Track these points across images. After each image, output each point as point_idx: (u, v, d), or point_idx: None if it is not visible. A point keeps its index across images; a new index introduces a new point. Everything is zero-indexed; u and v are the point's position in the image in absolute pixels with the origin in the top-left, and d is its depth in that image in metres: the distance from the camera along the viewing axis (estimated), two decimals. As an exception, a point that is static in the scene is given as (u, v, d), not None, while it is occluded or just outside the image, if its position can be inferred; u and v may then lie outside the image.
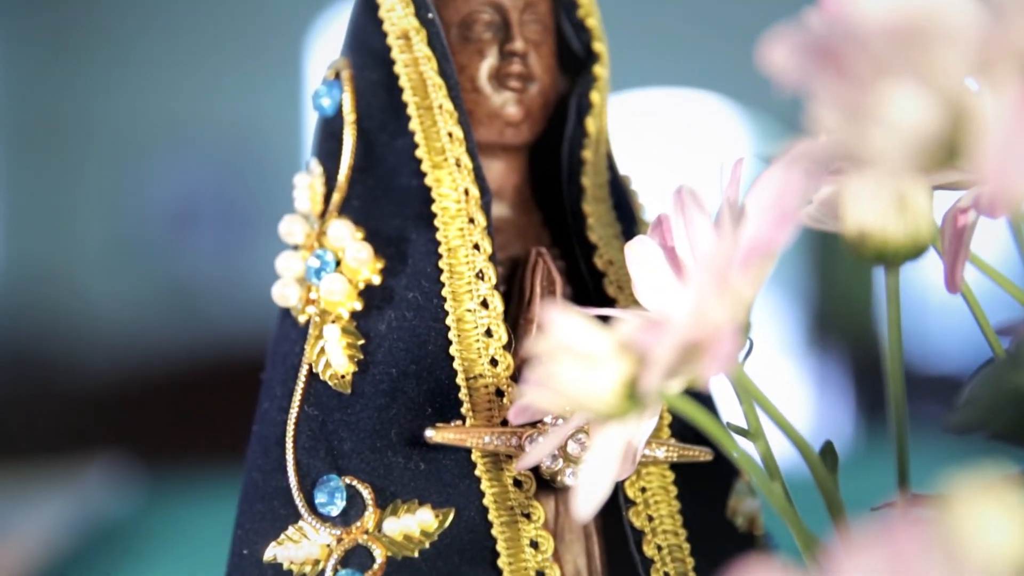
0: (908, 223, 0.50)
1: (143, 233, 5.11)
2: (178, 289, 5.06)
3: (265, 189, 5.07)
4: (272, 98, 5.09)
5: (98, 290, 5.03)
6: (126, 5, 5.19)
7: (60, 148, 5.16)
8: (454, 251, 0.63)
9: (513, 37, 0.66)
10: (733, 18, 4.74)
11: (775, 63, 0.45)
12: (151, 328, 4.77)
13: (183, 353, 4.00)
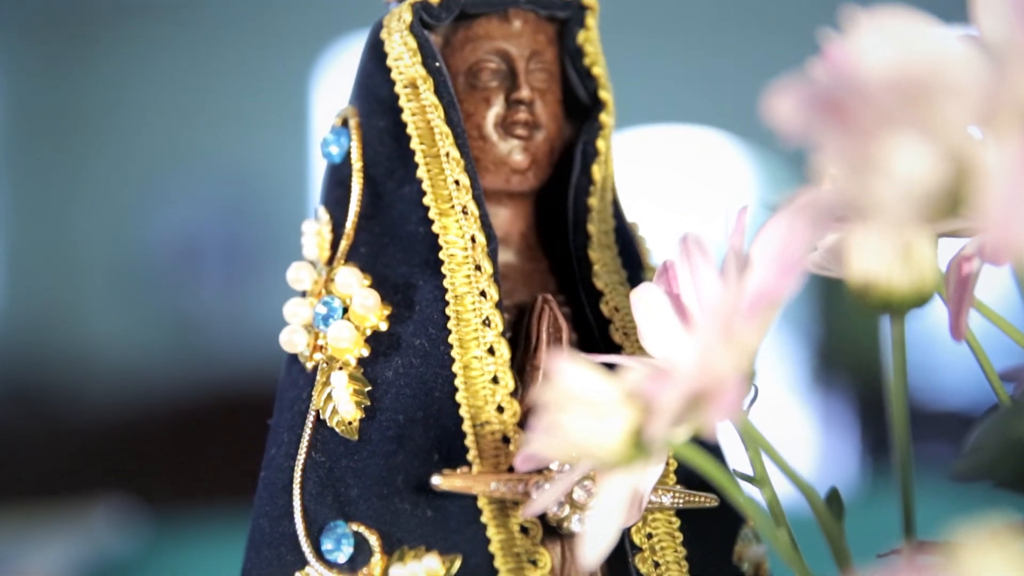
0: (913, 272, 0.50)
1: (147, 269, 5.12)
2: (182, 325, 5.07)
3: (269, 225, 5.08)
4: (277, 133, 5.10)
5: (101, 326, 5.03)
6: (131, 41, 5.21)
7: (64, 183, 5.18)
8: (461, 298, 0.64)
9: (519, 85, 0.67)
10: (737, 55, 4.76)
11: (780, 114, 0.46)
12: (155, 364, 4.77)
13: (187, 389, 4.00)
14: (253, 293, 5.04)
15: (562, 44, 0.70)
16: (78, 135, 5.21)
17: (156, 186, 5.15)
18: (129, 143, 5.19)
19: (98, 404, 4.17)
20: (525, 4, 0.68)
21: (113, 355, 4.85)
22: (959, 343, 0.57)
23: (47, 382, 4.48)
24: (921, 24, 0.45)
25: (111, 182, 5.19)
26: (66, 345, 4.86)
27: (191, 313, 5.10)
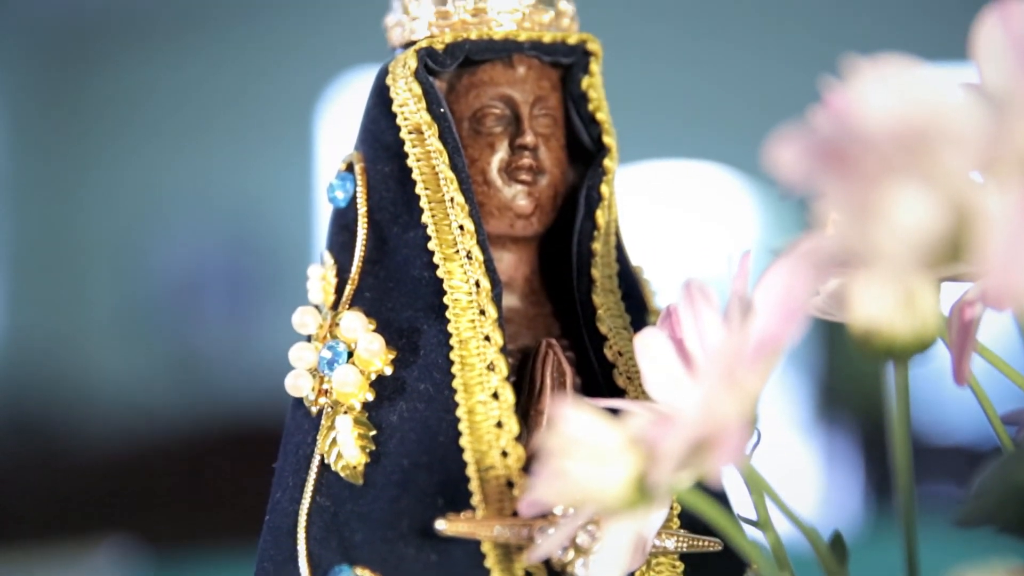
0: (915, 319, 0.50)
1: (150, 303, 5.12)
2: (185, 360, 5.07)
3: (273, 259, 5.09)
4: (281, 167, 5.12)
5: (104, 360, 5.03)
6: (135, 76, 5.23)
7: (67, 217, 5.19)
8: (465, 343, 0.64)
9: (523, 131, 0.67)
10: (740, 90, 4.78)
11: (783, 162, 0.46)
12: (157, 399, 4.77)
13: (190, 424, 4.00)
14: (256, 328, 5.04)
15: (566, 89, 0.70)
16: (80, 168, 5.22)
17: (159, 220, 5.16)
18: (132, 177, 5.20)
19: (100, 440, 4.17)
20: (529, 50, 0.68)
21: (115, 390, 4.85)
22: (962, 388, 0.57)
23: (48, 417, 4.48)
24: (921, 72, 0.46)
25: (114, 216, 5.20)
26: (68, 380, 4.86)
27: (194, 348, 5.10)
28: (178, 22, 5.17)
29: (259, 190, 5.13)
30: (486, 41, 0.67)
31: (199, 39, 5.19)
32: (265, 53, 5.14)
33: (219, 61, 5.20)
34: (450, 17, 0.68)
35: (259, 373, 4.56)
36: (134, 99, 5.24)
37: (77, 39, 5.17)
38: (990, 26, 0.48)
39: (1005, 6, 0.48)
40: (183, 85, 5.22)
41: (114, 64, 5.24)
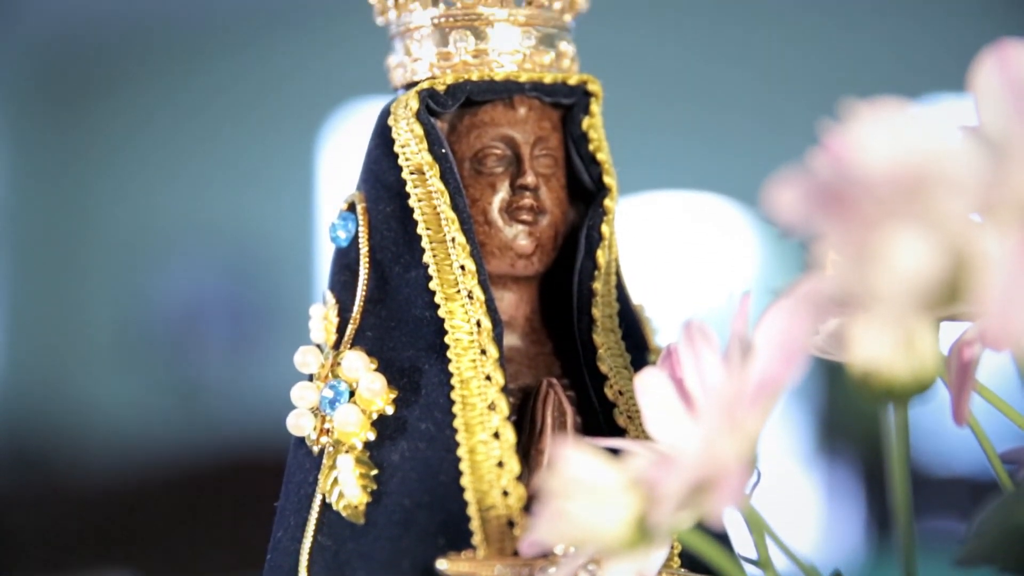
0: (914, 361, 0.50)
1: (150, 335, 5.12)
2: (185, 392, 5.06)
3: (274, 290, 5.09)
4: (282, 198, 5.12)
5: (104, 392, 5.03)
6: (136, 107, 5.24)
7: (67, 248, 5.19)
8: (466, 383, 0.64)
9: (524, 171, 0.68)
10: (742, 121, 4.78)
11: (782, 205, 0.46)
12: (157, 431, 4.76)
13: (190, 456, 4.00)
14: (256, 358, 5.04)
15: (566, 129, 0.71)
16: (80, 200, 5.23)
17: (159, 249, 5.16)
18: (132, 206, 5.21)
19: (99, 471, 4.17)
20: (530, 91, 0.69)
21: (114, 421, 4.84)
22: (961, 428, 0.57)
23: (47, 449, 4.48)
24: (919, 116, 0.46)
25: (114, 245, 5.20)
26: (67, 411, 4.86)
27: (194, 379, 5.10)
28: (179, 51, 5.18)
29: (260, 219, 5.14)
30: (487, 82, 0.68)
31: (200, 68, 5.20)
32: (266, 82, 5.15)
33: (220, 90, 5.21)
34: (451, 58, 0.69)
35: (259, 404, 4.56)
36: (134, 128, 5.26)
37: (77, 67, 5.18)
38: (987, 69, 0.49)
39: (1002, 49, 0.49)
40: (184, 114, 5.24)
41: (115, 93, 5.26)
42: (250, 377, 4.97)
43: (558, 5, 0.70)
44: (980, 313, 0.45)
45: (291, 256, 5.14)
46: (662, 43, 4.83)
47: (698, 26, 4.85)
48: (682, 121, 4.87)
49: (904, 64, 4.75)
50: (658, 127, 4.68)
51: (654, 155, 4.52)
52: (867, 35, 4.84)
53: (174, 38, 5.13)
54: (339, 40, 4.29)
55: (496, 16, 0.69)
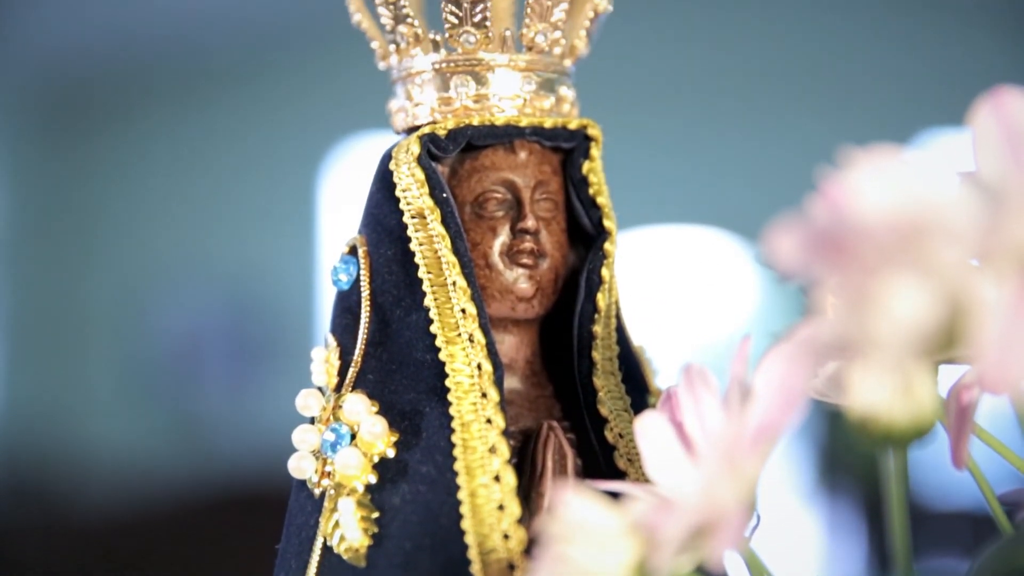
0: (913, 406, 0.50)
1: (150, 368, 5.12)
2: (185, 426, 5.06)
3: (274, 324, 5.09)
4: (282, 231, 5.12)
5: (104, 425, 5.02)
6: (135, 143, 5.25)
7: (67, 281, 5.19)
8: (467, 426, 0.64)
9: (525, 215, 0.68)
10: (742, 155, 4.80)
11: (781, 252, 0.47)
12: (157, 465, 4.75)
13: (191, 490, 3.99)
14: (257, 393, 5.03)
15: (567, 173, 0.71)
16: (80, 233, 5.24)
17: (159, 284, 5.17)
18: (132, 242, 5.21)
19: (100, 506, 4.16)
20: (530, 136, 0.69)
21: (115, 456, 4.83)
22: (960, 471, 0.57)
23: (48, 483, 4.47)
24: (916, 163, 0.46)
25: (114, 281, 5.21)
26: (68, 446, 4.85)
27: (194, 414, 5.09)
28: (179, 85, 5.20)
29: (260, 255, 5.14)
30: (488, 127, 0.68)
31: (201, 103, 5.22)
32: (267, 118, 5.17)
33: (220, 125, 5.23)
34: (452, 103, 0.69)
35: (259, 439, 4.55)
36: (134, 163, 5.26)
37: (78, 102, 5.20)
38: (984, 116, 0.49)
39: (998, 96, 0.49)
40: (184, 148, 5.25)
41: (115, 128, 5.27)
42: (250, 411, 4.96)
43: (558, 50, 0.71)
44: (978, 358, 0.46)
45: (292, 291, 5.14)
46: (663, 77, 4.85)
47: (698, 60, 4.86)
48: (681, 154, 4.88)
49: (903, 98, 4.77)
50: (657, 161, 4.69)
51: (653, 189, 4.53)
52: (866, 70, 4.85)
53: (175, 72, 5.14)
54: (340, 75, 4.30)
55: (497, 61, 0.69)
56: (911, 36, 4.83)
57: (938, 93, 4.70)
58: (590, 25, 0.72)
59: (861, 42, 4.86)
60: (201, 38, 4.97)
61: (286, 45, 5.01)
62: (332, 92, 4.86)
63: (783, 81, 4.86)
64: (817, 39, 4.86)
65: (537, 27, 0.69)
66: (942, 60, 4.78)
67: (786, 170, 4.63)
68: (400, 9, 0.70)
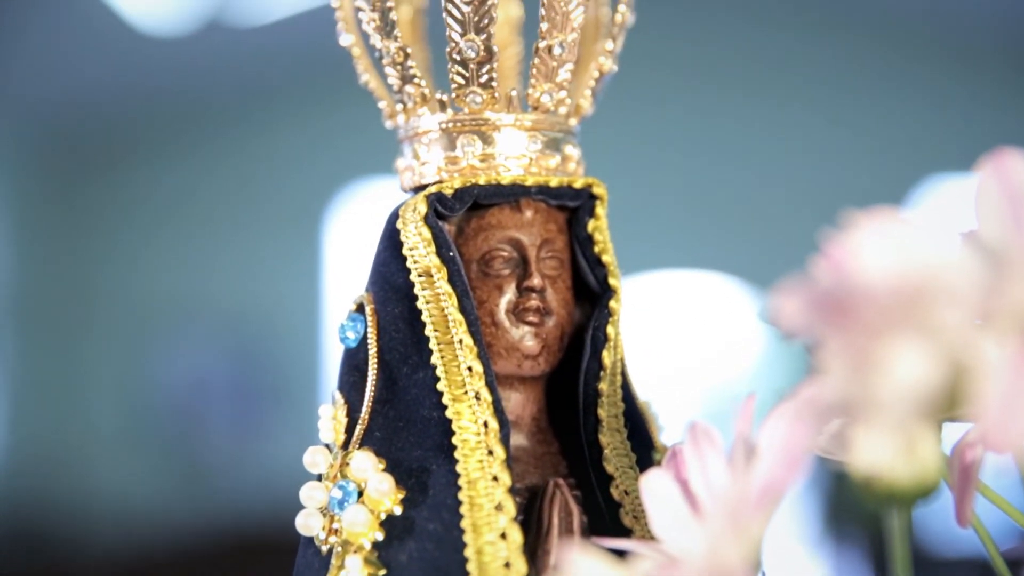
0: (916, 466, 0.51)
1: (154, 414, 5.11)
2: (189, 471, 5.04)
3: (278, 369, 5.09)
4: (287, 277, 5.13)
5: (107, 471, 5.01)
6: (140, 185, 5.26)
7: (71, 327, 5.19)
8: (474, 483, 0.65)
9: (531, 273, 0.69)
10: (745, 200, 4.80)
11: (784, 313, 0.47)
12: (161, 510, 4.74)
13: (194, 536, 3.98)
14: (261, 440, 5.02)
15: (572, 231, 0.72)
16: (83, 281, 5.24)
17: (163, 329, 5.16)
18: (136, 286, 5.22)
19: (104, 552, 4.15)
20: (536, 194, 0.70)
21: (119, 503, 4.82)
22: (965, 529, 0.58)
23: (52, 530, 4.46)
24: (918, 224, 0.47)
25: (118, 325, 5.21)
26: (71, 492, 4.84)
27: (198, 459, 5.08)
28: (182, 133, 5.21)
29: (265, 299, 5.15)
30: (494, 186, 0.69)
31: (204, 150, 5.23)
32: (272, 160, 5.18)
33: (224, 172, 5.24)
34: (459, 162, 0.70)
35: (262, 485, 4.55)
36: (137, 209, 5.28)
37: (80, 149, 5.21)
38: (986, 178, 0.49)
39: (1000, 158, 0.49)
40: (188, 194, 5.26)
41: (118, 174, 5.28)
42: (254, 458, 4.95)
43: (564, 110, 0.72)
44: (981, 418, 0.46)
45: (296, 336, 5.14)
46: (667, 119, 4.86)
47: (703, 105, 4.88)
48: (686, 201, 4.89)
49: (907, 145, 4.78)
50: (662, 208, 4.70)
51: (658, 234, 4.54)
52: (872, 116, 4.87)
53: (178, 119, 5.16)
54: (345, 120, 4.32)
55: (503, 121, 0.70)
56: (915, 82, 4.85)
57: (943, 139, 4.72)
58: (595, 85, 0.73)
59: (866, 89, 4.88)
60: (205, 84, 4.99)
61: (291, 90, 5.03)
62: (336, 137, 4.87)
63: (786, 127, 4.88)
64: (822, 85, 4.88)
65: (543, 87, 0.70)
66: (947, 106, 4.80)
67: (790, 214, 4.65)
68: (407, 70, 0.70)
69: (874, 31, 4.83)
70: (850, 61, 4.87)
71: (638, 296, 4.71)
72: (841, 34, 4.86)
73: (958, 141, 4.62)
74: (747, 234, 4.80)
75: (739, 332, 4.91)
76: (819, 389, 0.50)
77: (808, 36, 4.88)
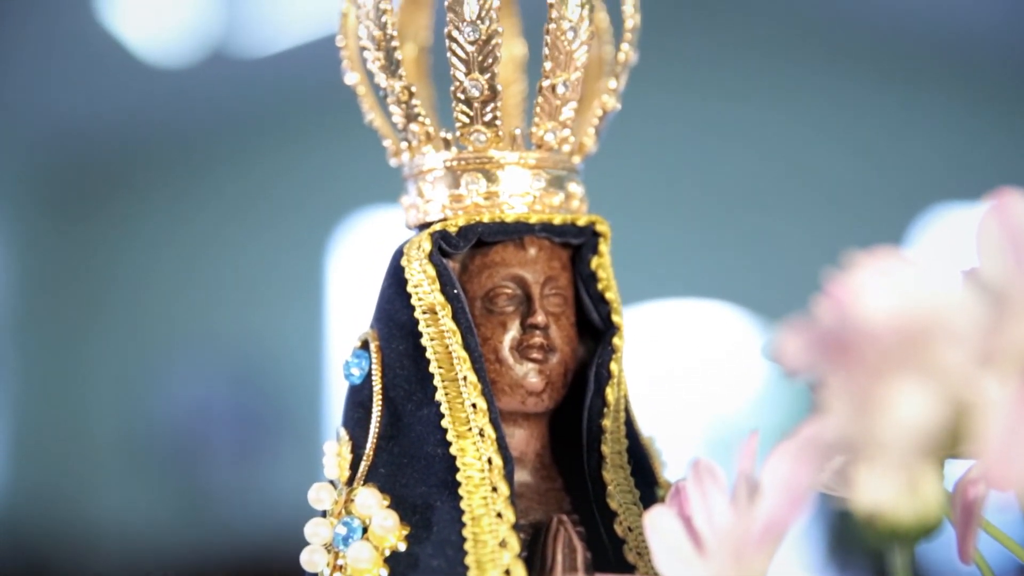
0: (918, 504, 0.51)
1: (156, 444, 5.10)
2: (191, 501, 5.04)
3: (280, 398, 5.08)
4: (289, 306, 5.13)
5: (109, 500, 5.01)
6: (140, 215, 5.27)
7: (72, 355, 5.19)
8: (478, 520, 0.65)
9: (534, 311, 0.69)
10: (746, 230, 4.81)
11: (787, 353, 0.47)
12: (164, 539, 4.73)
13: (196, 565, 3.97)
14: (263, 467, 5.02)
15: (576, 268, 0.72)
16: (86, 309, 5.24)
17: (166, 359, 5.17)
18: (137, 317, 5.22)
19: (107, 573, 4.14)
20: (540, 232, 0.70)
21: (121, 529, 4.81)
22: (968, 566, 0.58)
23: (53, 557, 4.45)
24: (920, 265, 0.47)
25: (120, 354, 5.21)
26: (73, 519, 4.83)
27: (200, 487, 5.08)
28: (184, 163, 5.23)
29: (267, 326, 5.15)
30: (498, 224, 0.69)
31: (208, 176, 5.24)
32: (275, 189, 5.19)
33: (228, 196, 5.25)
34: (463, 200, 0.70)
35: (264, 511, 4.54)
36: (138, 235, 5.28)
37: (83, 176, 5.22)
38: (987, 218, 0.50)
39: (1001, 199, 0.50)
40: (190, 225, 5.26)
41: (120, 201, 5.29)
42: (256, 484, 4.95)
43: (567, 148, 0.72)
44: (982, 456, 0.46)
45: (298, 364, 5.14)
46: (671, 154, 4.87)
47: (706, 135, 4.89)
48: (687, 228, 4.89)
49: (910, 174, 4.78)
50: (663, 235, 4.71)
51: (659, 262, 4.54)
52: (875, 144, 4.88)
53: (181, 148, 5.17)
54: (348, 150, 4.33)
55: (507, 159, 0.70)
56: (920, 110, 4.86)
57: (948, 168, 4.72)
58: (599, 123, 0.74)
59: (871, 117, 4.89)
60: (208, 114, 5.01)
61: (294, 120, 5.04)
62: (340, 166, 4.88)
63: (789, 155, 4.88)
64: (825, 112, 4.89)
65: (546, 126, 0.71)
66: (952, 135, 4.80)
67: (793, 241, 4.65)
68: (412, 108, 0.71)
69: (879, 59, 4.85)
70: (854, 89, 4.89)
71: (640, 325, 4.71)
72: (845, 62, 4.87)
73: (963, 170, 4.63)
74: (749, 262, 4.80)
75: (742, 360, 4.91)
76: (821, 428, 0.50)
77: (811, 64, 4.89)
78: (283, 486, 4.60)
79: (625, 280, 0.73)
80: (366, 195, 4.86)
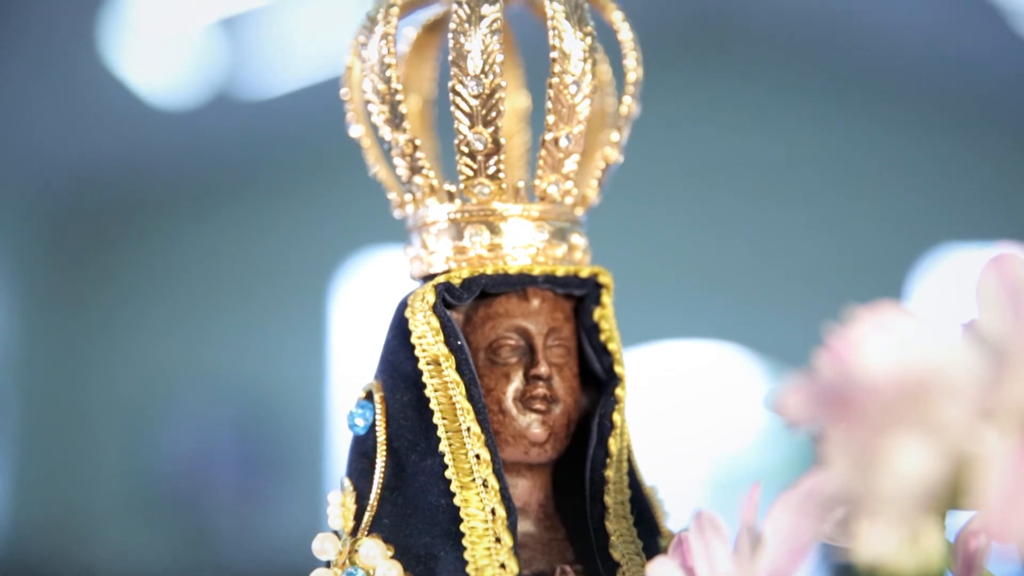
0: (920, 557, 0.51)
1: (158, 482, 5.09)
2: (193, 540, 5.02)
3: (283, 437, 5.07)
4: (292, 345, 5.13)
5: (112, 540, 4.99)
6: (142, 258, 5.27)
7: (74, 395, 5.18)
8: (481, 570, 0.65)
9: (538, 362, 0.69)
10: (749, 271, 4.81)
11: (789, 407, 0.48)
12: (164, 575, 4.72)
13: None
14: (265, 509, 5.01)
15: (579, 319, 0.73)
16: (88, 348, 5.24)
17: (168, 397, 5.16)
18: (141, 353, 5.22)
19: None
20: (543, 283, 0.71)
21: (123, 572, 4.79)
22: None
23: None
24: (921, 320, 0.48)
25: (122, 393, 5.20)
26: (74, 560, 4.81)
27: (202, 529, 5.06)
28: (187, 201, 5.23)
29: (270, 367, 5.15)
30: (502, 275, 0.70)
31: (210, 218, 5.25)
32: (277, 231, 5.20)
33: (230, 239, 5.25)
34: (467, 252, 0.71)
35: (266, 554, 4.53)
36: (140, 278, 5.29)
37: (86, 220, 5.23)
38: (986, 274, 0.50)
39: (1001, 256, 0.50)
40: (193, 263, 5.27)
41: (121, 244, 5.29)
42: (258, 527, 4.94)
43: (570, 200, 0.73)
44: (983, 509, 0.46)
45: (301, 407, 5.14)
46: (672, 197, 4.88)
47: (707, 173, 4.90)
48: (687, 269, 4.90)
49: (910, 215, 4.79)
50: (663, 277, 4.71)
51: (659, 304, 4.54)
52: (875, 185, 4.88)
53: (184, 186, 5.18)
54: (351, 189, 4.34)
55: (510, 212, 0.71)
56: (921, 152, 4.87)
57: (949, 210, 4.73)
58: (601, 175, 0.74)
59: (871, 158, 4.90)
60: (210, 157, 5.02)
61: (296, 163, 5.06)
62: (341, 209, 4.89)
63: (789, 196, 4.89)
64: (826, 153, 4.90)
65: (550, 178, 0.71)
66: (953, 177, 4.81)
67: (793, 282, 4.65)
68: (416, 161, 0.72)
69: (880, 101, 4.86)
70: (855, 131, 4.90)
71: (643, 366, 4.71)
72: (846, 104, 4.89)
73: (964, 212, 4.64)
74: (752, 303, 4.80)
75: (745, 400, 4.91)
76: (822, 480, 0.51)
77: (811, 105, 4.91)
78: (285, 528, 4.59)
79: (626, 322, 0.74)
80: (368, 237, 4.87)
